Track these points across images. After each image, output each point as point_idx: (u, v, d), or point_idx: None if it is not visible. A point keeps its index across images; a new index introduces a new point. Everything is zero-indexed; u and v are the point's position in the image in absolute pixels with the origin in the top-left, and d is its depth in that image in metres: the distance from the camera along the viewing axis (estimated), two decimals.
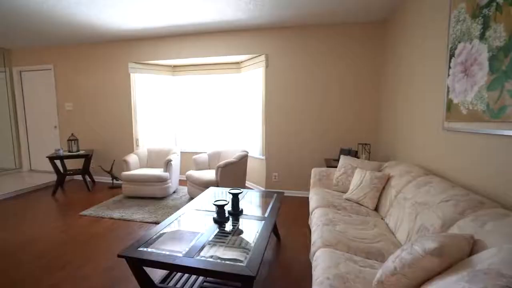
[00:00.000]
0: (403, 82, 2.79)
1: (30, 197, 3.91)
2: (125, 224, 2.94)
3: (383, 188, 2.29)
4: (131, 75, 4.47)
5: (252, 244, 1.59)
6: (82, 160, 4.58)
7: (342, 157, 2.89)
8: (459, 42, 1.72)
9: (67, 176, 4.39)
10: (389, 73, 3.26)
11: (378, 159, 3.59)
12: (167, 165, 3.70)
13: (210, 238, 1.65)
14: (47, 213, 3.29)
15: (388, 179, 2.29)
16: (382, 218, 2.11)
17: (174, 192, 4.01)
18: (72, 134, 4.30)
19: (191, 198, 3.72)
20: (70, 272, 2.07)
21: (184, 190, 4.13)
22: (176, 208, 3.36)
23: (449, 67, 1.84)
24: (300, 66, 3.77)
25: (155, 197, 3.71)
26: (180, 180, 4.60)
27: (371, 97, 3.61)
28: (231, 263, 1.36)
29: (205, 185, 3.32)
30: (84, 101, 4.77)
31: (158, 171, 3.78)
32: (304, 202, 3.65)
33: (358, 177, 2.48)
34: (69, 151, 4.22)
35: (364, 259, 1.44)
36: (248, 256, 1.43)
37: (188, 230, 1.80)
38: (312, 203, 2.38)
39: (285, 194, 3.93)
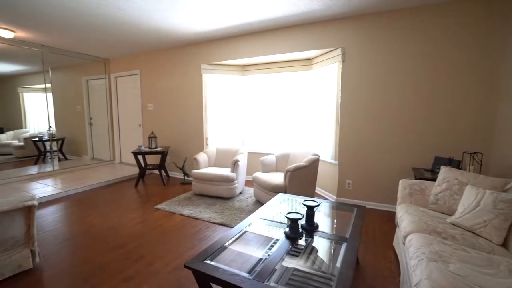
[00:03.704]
0: None
1: (118, 187, 4.43)
2: (193, 222, 2.98)
3: None
4: (203, 76, 4.64)
5: (334, 272, 1.29)
6: (159, 156, 4.99)
7: (444, 168, 2.29)
8: None
9: (147, 170, 4.83)
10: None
11: (490, 173, 2.78)
12: (235, 165, 3.66)
13: (283, 258, 1.42)
14: (130, 203, 3.62)
15: None
16: None
17: (240, 193, 3.96)
18: (152, 132, 4.71)
19: (257, 201, 3.59)
20: (143, 266, 2.14)
21: (250, 191, 4.05)
22: (242, 210, 3.28)
23: None
24: (384, 59, 3.22)
25: (222, 197, 3.72)
26: (246, 180, 4.56)
27: (483, 93, 2.81)
28: None
29: (272, 189, 3.13)
30: (162, 102, 5.19)
31: (226, 171, 3.78)
32: (385, 217, 3.11)
33: (471, 197, 1.89)
34: (149, 148, 4.62)
35: None
36: None
37: (256, 245, 1.62)
38: (405, 225, 1.92)
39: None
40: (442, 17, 2.90)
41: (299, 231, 1.68)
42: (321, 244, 1.63)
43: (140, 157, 4.89)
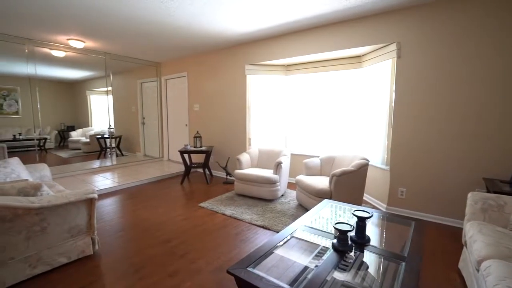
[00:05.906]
0: None
1: (165, 183, 4.69)
2: (235, 223, 2.99)
3: None
4: (247, 76, 4.66)
5: None
6: (204, 155, 5.17)
7: None
8: None
9: (192, 168, 5.04)
10: None
11: None
12: (277, 167, 3.59)
13: (331, 274, 1.31)
14: (176, 199, 3.80)
15: None
16: None
17: (282, 195, 3.88)
18: (197, 131, 4.90)
19: (300, 205, 3.47)
20: (187, 262, 2.19)
21: (292, 194, 3.94)
22: (284, 213, 3.19)
23: None
24: (450, 52, 2.83)
25: (264, 198, 3.68)
26: (288, 182, 4.46)
27: None
28: None
29: (316, 193, 2.98)
30: (207, 102, 5.37)
31: (268, 173, 3.73)
32: (446, 233, 2.73)
33: None
34: (194, 147, 4.81)
35: None
36: None
37: (302, 254, 1.52)
38: (479, 247, 1.63)
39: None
40: None
41: (348, 243, 1.54)
42: (372, 261, 1.47)
43: (186, 155, 5.12)
